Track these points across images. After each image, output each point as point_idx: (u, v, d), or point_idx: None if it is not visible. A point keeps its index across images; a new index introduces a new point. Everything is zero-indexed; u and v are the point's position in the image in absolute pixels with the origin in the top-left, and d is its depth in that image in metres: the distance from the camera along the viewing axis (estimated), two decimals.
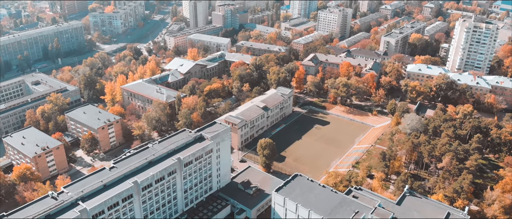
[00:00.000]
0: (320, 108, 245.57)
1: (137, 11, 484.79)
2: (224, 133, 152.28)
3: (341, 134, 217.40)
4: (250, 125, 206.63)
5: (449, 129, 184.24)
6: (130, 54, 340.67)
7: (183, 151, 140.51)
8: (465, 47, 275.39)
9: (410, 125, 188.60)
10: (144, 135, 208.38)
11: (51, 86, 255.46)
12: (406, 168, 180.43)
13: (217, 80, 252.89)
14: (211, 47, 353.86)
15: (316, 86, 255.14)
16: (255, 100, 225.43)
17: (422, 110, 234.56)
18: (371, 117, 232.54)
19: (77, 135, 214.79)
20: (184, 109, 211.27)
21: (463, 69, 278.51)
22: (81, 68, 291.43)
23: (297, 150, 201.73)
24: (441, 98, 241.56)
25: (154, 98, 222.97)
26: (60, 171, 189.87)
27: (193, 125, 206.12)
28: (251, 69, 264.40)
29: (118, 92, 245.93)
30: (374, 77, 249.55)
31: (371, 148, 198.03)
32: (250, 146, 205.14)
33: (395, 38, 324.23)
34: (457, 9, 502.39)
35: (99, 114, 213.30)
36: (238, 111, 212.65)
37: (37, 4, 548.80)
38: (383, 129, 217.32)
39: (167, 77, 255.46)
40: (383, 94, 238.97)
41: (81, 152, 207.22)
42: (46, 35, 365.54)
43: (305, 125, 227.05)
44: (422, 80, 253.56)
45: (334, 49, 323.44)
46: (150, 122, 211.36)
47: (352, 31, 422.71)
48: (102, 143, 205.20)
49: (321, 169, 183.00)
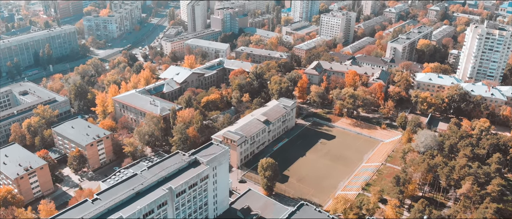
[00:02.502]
0: (324, 120, 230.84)
1: (133, 14, 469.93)
2: (221, 156, 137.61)
3: (348, 149, 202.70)
4: (250, 140, 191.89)
5: (466, 148, 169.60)
6: (124, 60, 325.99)
7: (175, 178, 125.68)
8: (477, 55, 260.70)
9: (424, 142, 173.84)
10: (136, 151, 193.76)
11: (40, 97, 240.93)
12: (420, 190, 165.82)
13: (215, 91, 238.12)
14: (210, 53, 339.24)
15: (320, 96, 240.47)
16: (256, 113, 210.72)
17: (434, 122, 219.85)
18: (379, 130, 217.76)
19: (64, 151, 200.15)
20: (179, 123, 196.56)
21: (475, 78, 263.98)
22: (72, 77, 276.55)
23: (301, 168, 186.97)
24: (453, 110, 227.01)
25: (147, 111, 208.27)
26: (44, 192, 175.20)
27: (189, 140, 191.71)
28: (251, 78, 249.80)
29: (110, 104, 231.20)
30: (382, 87, 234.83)
31: (382, 167, 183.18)
32: (250, 163, 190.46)
33: (402, 44, 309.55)
34: (463, 12, 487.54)
35: (88, 128, 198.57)
36: (237, 125, 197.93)
37: (31, 7, 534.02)
38: (393, 145, 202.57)
39: (162, 87, 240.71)
40: (392, 106, 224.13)
41: (69, 170, 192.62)
42: (38, 40, 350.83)
43: (309, 139, 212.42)
44: (433, 90, 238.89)
45: (338, 55, 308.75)
46: (143, 138, 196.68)
47: (356, 35, 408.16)
48: (91, 160, 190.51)
49: (328, 191, 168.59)
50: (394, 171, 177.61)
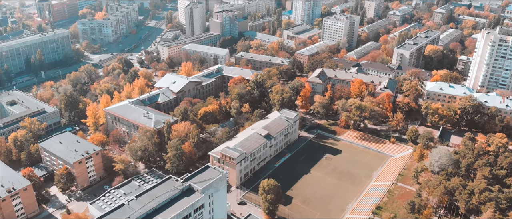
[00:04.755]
0: (329, 133, 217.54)
1: (130, 17, 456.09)
2: (218, 181, 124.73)
3: (355, 165, 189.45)
4: (251, 157, 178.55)
5: (484, 168, 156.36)
6: (119, 66, 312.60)
7: (166, 210, 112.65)
8: (489, 63, 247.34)
9: (438, 161, 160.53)
10: (128, 168, 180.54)
11: (28, 107, 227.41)
12: (435, 213, 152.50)
13: (214, 101, 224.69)
14: (208, 59, 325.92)
15: (325, 107, 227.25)
16: (256, 126, 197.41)
17: (446, 136, 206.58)
18: (388, 144, 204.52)
19: (52, 167, 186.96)
20: (174, 138, 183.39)
21: (487, 87, 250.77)
22: (63, 85, 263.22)
23: (305, 187, 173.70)
24: (466, 122, 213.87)
25: (140, 124, 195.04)
26: (29, 215, 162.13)
27: (184, 156, 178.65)
28: (251, 87, 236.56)
29: (102, 115, 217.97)
30: (390, 97, 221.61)
31: (393, 186, 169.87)
32: (250, 182, 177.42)
33: (409, 50, 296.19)
34: (469, 15, 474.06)
35: (77, 143, 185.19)
36: (236, 140, 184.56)
37: (25, 10, 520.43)
38: (404, 161, 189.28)
39: (157, 97, 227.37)
40: (402, 119, 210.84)
41: (56, 189, 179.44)
42: (30, 45, 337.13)
43: (313, 154, 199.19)
44: (443, 101, 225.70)
45: (342, 62, 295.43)
46: (135, 154, 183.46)
47: (360, 39, 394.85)
48: (79, 179, 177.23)
49: (335, 214, 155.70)
50: (407, 192, 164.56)
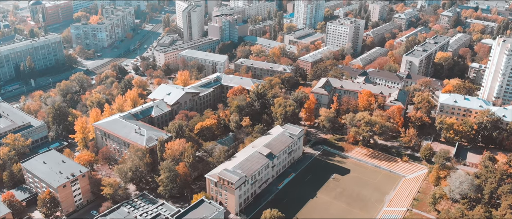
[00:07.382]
0: (336, 149, 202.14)
1: (125, 21, 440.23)
2: None
3: (365, 187, 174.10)
4: (251, 180, 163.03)
5: (509, 196, 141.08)
6: (113, 74, 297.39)
7: None
8: (505, 73, 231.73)
9: (459, 188, 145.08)
10: (117, 191, 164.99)
11: (13, 121, 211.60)
12: None
13: (211, 115, 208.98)
14: (206, 66, 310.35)
15: (331, 121, 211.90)
16: (257, 144, 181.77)
17: (462, 153, 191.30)
18: (400, 163, 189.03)
19: (35, 189, 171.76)
20: (167, 158, 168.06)
21: (502, 98, 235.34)
22: (52, 96, 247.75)
23: (311, 213, 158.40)
24: (483, 138, 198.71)
25: (131, 142, 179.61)
26: None
27: (178, 178, 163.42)
28: (251, 98, 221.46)
29: (91, 130, 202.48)
30: (401, 111, 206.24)
31: (408, 214, 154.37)
32: (251, 207, 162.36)
33: (419, 57, 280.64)
34: (477, 18, 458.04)
35: (63, 164, 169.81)
36: (236, 161, 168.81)
37: (19, 13, 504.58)
38: (418, 182, 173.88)
39: (151, 110, 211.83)
40: (414, 134, 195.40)
41: (39, 214, 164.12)
42: (20, 51, 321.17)
43: (319, 174, 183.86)
44: (458, 114, 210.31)
45: (348, 70, 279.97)
46: (124, 176, 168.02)
47: (365, 44, 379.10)
48: (64, 204, 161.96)
49: None
50: None
